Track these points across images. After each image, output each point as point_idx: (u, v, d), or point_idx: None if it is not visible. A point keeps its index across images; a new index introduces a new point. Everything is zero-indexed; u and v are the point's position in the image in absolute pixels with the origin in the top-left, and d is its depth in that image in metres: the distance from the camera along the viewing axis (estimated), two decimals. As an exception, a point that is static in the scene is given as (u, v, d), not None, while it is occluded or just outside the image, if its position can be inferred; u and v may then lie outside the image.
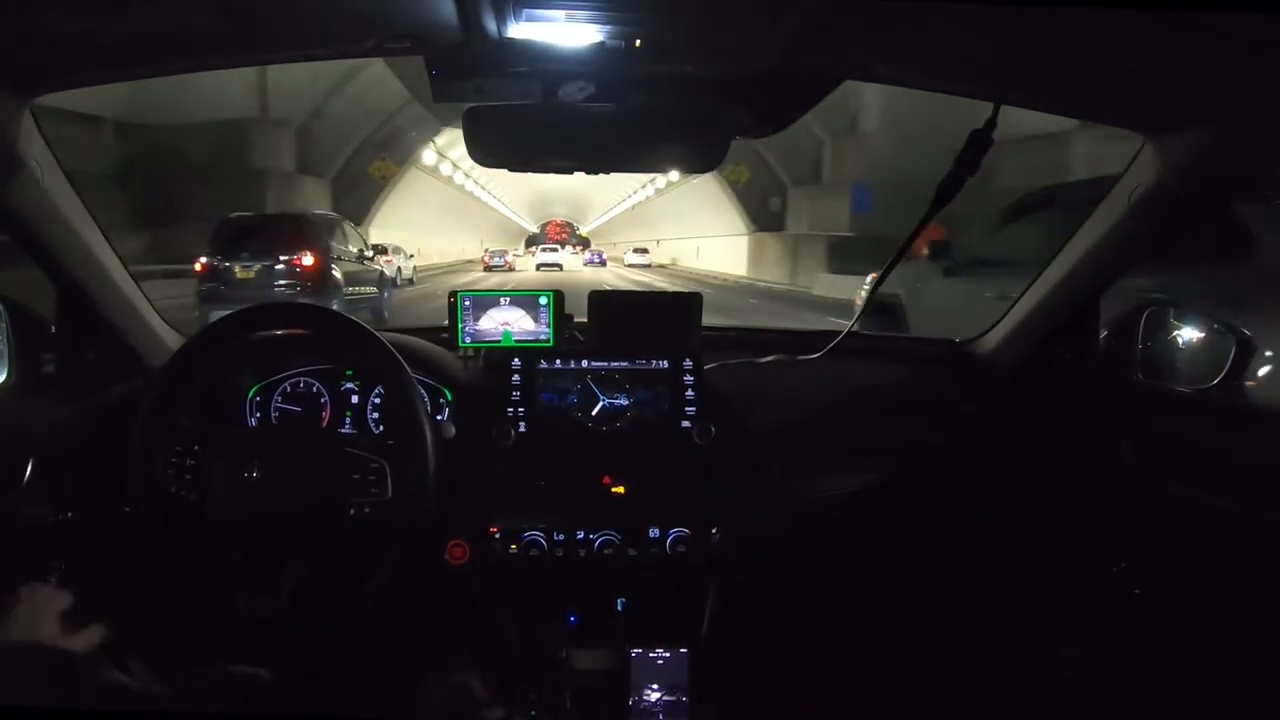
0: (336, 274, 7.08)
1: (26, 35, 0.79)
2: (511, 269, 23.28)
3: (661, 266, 25.46)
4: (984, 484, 1.35)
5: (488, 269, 22.93)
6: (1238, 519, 1.08)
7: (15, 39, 0.82)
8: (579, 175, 1.10)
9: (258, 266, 6.74)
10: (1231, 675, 1.13)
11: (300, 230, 7.16)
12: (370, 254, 8.19)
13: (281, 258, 6.73)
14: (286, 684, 0.76)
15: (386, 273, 8.93)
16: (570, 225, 60.58)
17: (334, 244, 7.33)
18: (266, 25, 0.87)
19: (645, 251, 26.80)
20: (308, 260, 6.76)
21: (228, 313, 1.07)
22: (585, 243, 49.80)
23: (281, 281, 6.73)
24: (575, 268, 25.01)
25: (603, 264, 28.82)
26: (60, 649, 0.93)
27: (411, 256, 11.94)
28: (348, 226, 8.13)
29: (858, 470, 1.30)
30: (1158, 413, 1.23)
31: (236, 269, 6.71)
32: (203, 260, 6.81)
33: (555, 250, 28.24)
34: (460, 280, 18.01)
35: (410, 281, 10.55)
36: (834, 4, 0.77)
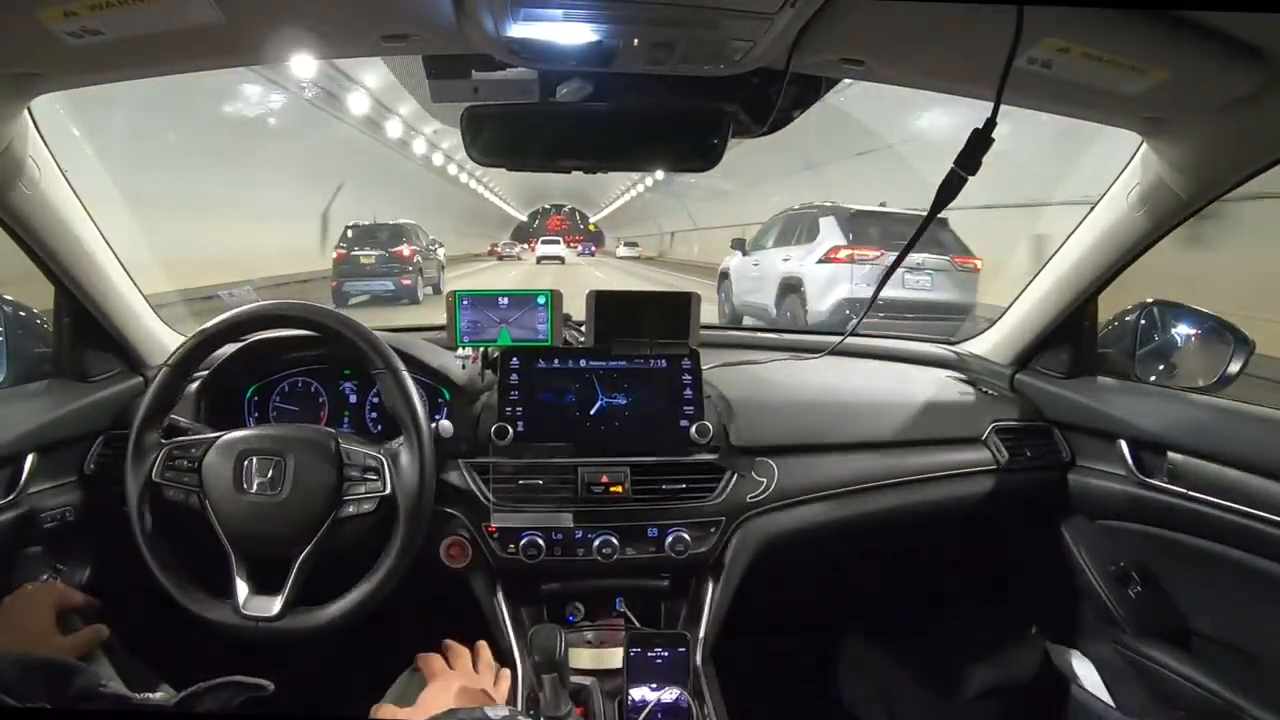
0: (419, 260, 10.64)
1: (26, 35, 0.79)
2: (519, 259, 29.05)
3: (649, 259, 29.82)
4: (983, 483, 1.35)
5: (500, 258, 29.58)
6: (1233, 519, 1.08)
7: (14, 39, 0.81)
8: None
9: (375, 254, 10.22)
10: (1231, 673, 1.13)
11: (398, 232, 10.77)
12: (434, 246, 11.96)
13: (390, 249, 10.27)
14: (286, 685, 0.75)
15: (441, 259, 12.76)
16: (574, 216, 55.49)
17: (416, 240, 10.91)
18: (265, 24, 0.87)
19: (635, 245, 31.88)
20: (406, 251, 10.34)
21: (227, 313, 1.07)
22: (594, 237, 46.73)
23: (390, 264, 10.21)
24: (574, 260, 28.70)
25: (592, 254, 36.78)
26: (60, 649, 0.93)
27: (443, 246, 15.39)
28: (420, 230, 11.44)
29: (857, 469, 1.29)
30: (1154, 412, 1.23)
31: (362, 257, 10.23)
32: (340, 250, 10.44)
33: (556, 243, 28.32)
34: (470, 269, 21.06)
35: (443, 266, 13.66)
36: (831, 4, 0.77)
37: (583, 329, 1.32)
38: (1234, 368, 1.18)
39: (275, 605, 0.97)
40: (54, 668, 0.67)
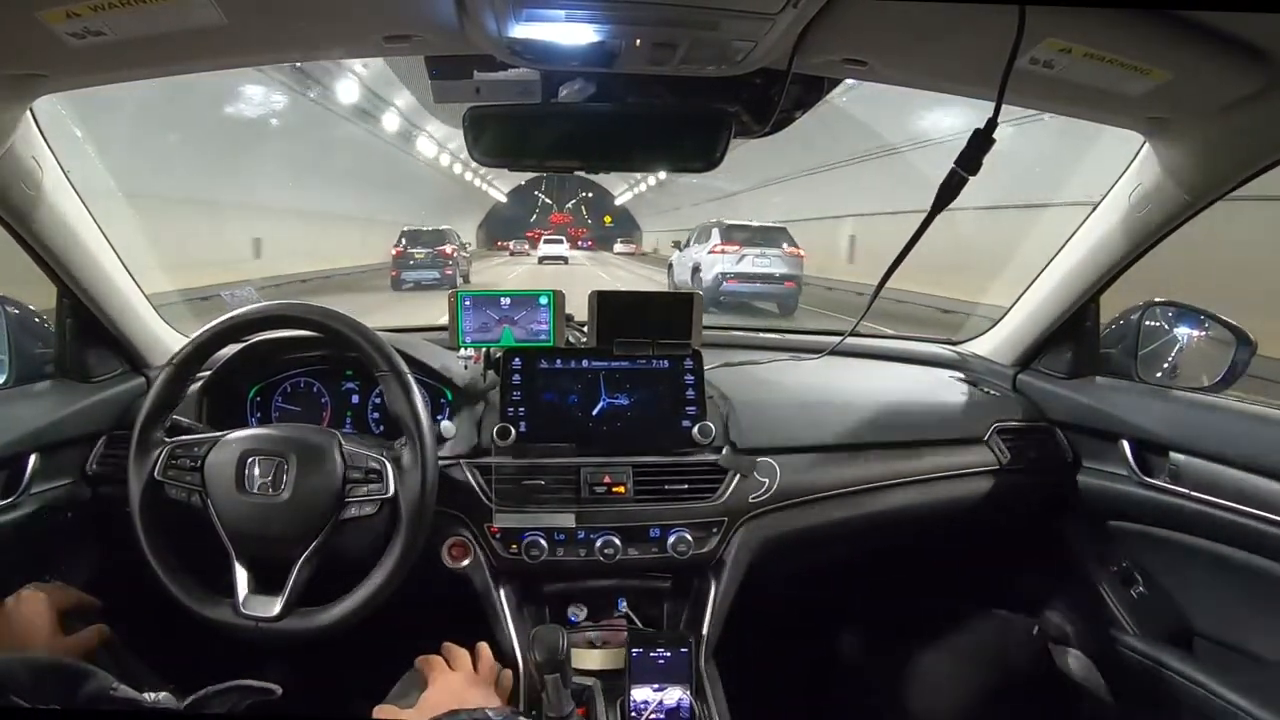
0: (456, 256, 13.73)
1: (28, 36, 0.79)
2: (527, 254, 31.03)
3: (644, 254, 32.84)
4: (985, 483, 1.35)
5: (511, 253, 32.05)
6: (1235, 519, 1.08)
7: (16, 40, 0.82)
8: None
9: (425, 252, 13.28)
10: (1234, 673, 1.13)
11: (441, 235, 13.86)
12: (465, 247, 15.40)
13: (436, 248, 13.41)
14: (287, 685, 0.76)
15: (468, 254, 16.21)
16: (580, 210, 47.55)
17: (453, 241, 14.09)
18: (267, 25, 0.87)
19: (630, 243, 36.91)
20: (448, 250, 13.50)
21: (230, 313, 1.07)
22: (611, 232, 41.89)
23: (436, 259, 13.25)
24: (579, 260, 28.05)
25: (589, 248, 38.76)
26: (62, 650, 0.93)
27: (471, 244, 18.49)
28: (456, 233, 14.64)
29: (859, 470, 1.29)
30: (1157, 413, 1.23)
31: (416, 253, 13.24)
32: (398, 248, 13.32)
33: (559, 242, 27.26)
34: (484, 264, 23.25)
35: (469, 260, 16.59)
36: (834, 4, 0.77)
37: (585, 329, 1.32)
38: (1235, 367, 1.18)
39: (276, 606, 0.97)
40: (65, 671, 0.67)
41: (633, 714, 1.05)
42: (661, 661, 1.09)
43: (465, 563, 1.17)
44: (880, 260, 1.04)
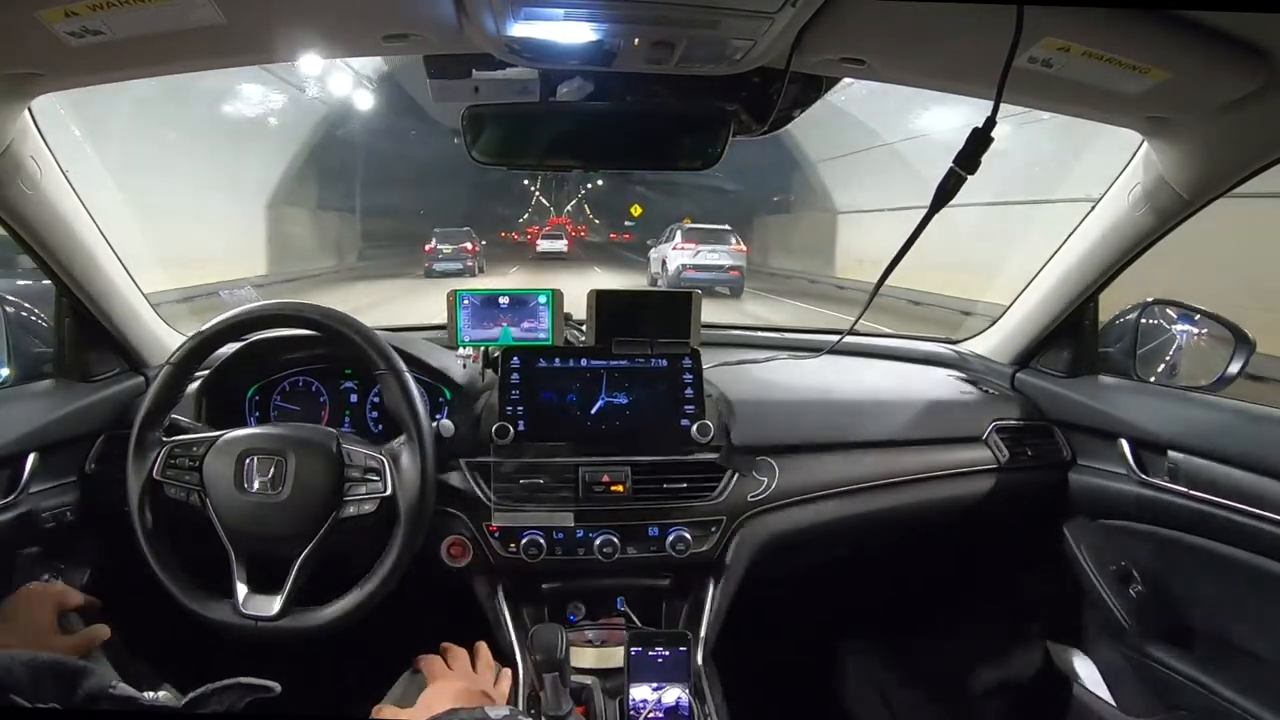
0: (475, 251, 16.42)
1: (26, 35, 0.79)
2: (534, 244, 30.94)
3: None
4: (984, 482, 1.35)
5: (515, 242, 33.31)
6: (1234, 518, 1.08)
7: (15, 39, 0.81)
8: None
9: (451, 248, 15.89)
10: (1232, 673, 1.13)
11: (464, 233, 16.55)
12: (477, 243, 17.54)
13: (462, 245, 16.08)
14: (286, 685, 0.76)
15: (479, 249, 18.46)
16: (582, 208, 43.32)
17: (473, 239, 16.69)
18: (266, 24, 0.87)
19: (626, 233, 36.35)
20: (468, 246, 16.15)
21: (229, 312, 1.07)
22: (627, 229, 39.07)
23: (460, 253, 15.90)
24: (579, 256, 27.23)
25: (582, 236, 39.97)
26: (60, 649, 0.93)
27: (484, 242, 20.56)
28: (474, 233, 17.20)
29: (858, 468, 1.29)
30: (1155, 411, 1.23)
31: (443, 249, 15.82)
32: (430, 245, 15.89)
33: (558, 238, 27.22)
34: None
35: (482, 254, 18.73)
36: (832, 3, 0.77)
37: (583, 328, 1.32)
38: (1234, 368, 1.18)
39: (275, 605, 0.97)
40: (64, 669, 0.66)
41: (631, 713, 1.05)
42: (660, 660, 1.09)
43: (464, 562, 1.17)
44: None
